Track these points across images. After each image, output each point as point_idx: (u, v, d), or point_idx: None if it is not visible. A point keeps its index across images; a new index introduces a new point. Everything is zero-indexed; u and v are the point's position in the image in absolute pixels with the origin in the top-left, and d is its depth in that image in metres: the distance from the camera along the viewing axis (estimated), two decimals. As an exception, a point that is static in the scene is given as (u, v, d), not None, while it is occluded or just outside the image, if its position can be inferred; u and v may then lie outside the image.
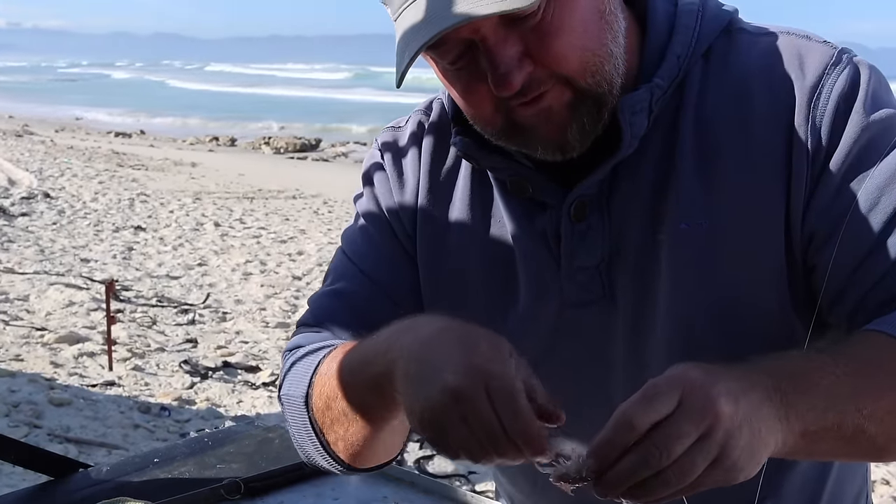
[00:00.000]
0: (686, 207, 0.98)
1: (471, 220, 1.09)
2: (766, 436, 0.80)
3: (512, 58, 0.90)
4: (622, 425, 0.77)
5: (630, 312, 1.02)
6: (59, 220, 9.67)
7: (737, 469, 0.78)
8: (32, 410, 4.25)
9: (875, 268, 0.94)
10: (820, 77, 0.96)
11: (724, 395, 0.77)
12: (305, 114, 30.95)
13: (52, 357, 5.11)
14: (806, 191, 0.96)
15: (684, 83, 1.00)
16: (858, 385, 0.86)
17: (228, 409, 4.63)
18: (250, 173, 14.82)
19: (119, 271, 7.44)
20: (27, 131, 21.16)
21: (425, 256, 1.11)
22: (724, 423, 0.76)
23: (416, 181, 1.12)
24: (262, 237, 9.24)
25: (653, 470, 0.76)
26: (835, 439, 0.86)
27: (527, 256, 1.05)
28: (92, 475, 1.69)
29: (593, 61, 0.93)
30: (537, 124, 0.94)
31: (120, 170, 14.49)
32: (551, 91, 0.93)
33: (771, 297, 0.99)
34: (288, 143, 20.85)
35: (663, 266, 0.99)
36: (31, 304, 6.25)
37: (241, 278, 7.46)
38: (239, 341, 5.76)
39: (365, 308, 1.11)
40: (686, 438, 0.75)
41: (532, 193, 1.03)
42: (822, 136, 0.95)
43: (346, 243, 1.18)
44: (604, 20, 0.94)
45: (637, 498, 0.78)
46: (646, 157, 1.00)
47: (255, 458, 1.72)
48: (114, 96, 41.28)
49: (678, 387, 0.77)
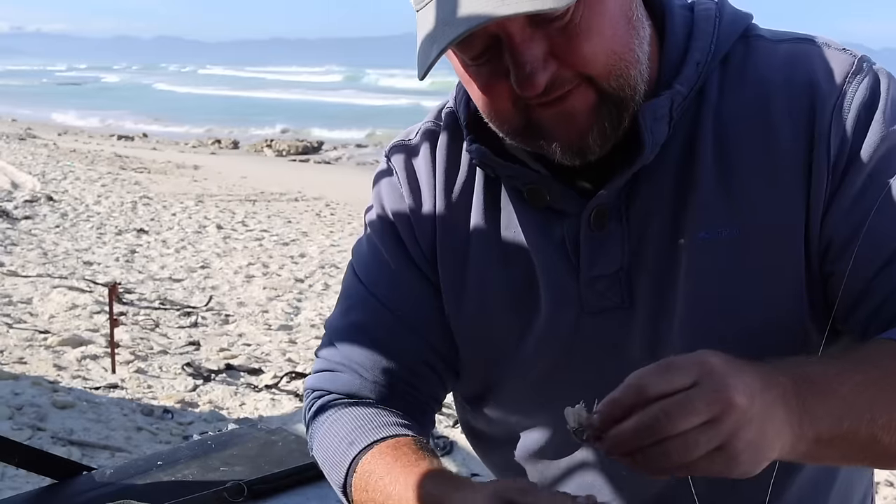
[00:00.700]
0: (706, 216, 0.98)
1: (489, 231, 1.08)
2: (773, 438, 0.79)
3: (537, 57, 0.89)
4: (632, 388, 0.77)
5: (649, 320, 1.01)
6: (62, 223, 9.67)
7: (738, 463, 0.77)
8: (36, 413, 4.25)
9: (892, 278, 0.94)
10: (841, 86, 0.96)
11: (740, 387, 0.77)
12: (307, 116, 30.96)
13: (56, 360, 5.12)
14: (825, 199, 0.96)
15: (703, 90, 0.99)
16: (876, 395, 0.86)
17: (231, 411, 4.62)
18: (252, 176, 14.82)
19: (122, 274, 7.44)
20: (30, 134, 21.19)
21: (448, 271, 1.10)
22: (736, 414, 0.76)
23: (432, 193, 1.11)
24: (264, 240, 9.24)
25: (656, 437, 0.75)
26: (848, 447, 0.86)
27: (546, 265, 1.04)
28: (95, 478, 1.69)
29: (619, 65, 0.92)
30: (557, 125, 0.93)
31: (122, 173, 14.50)
32: (574, 92, 0.92)
33: (789, 304, 0.98)
34: (290, 145, 20.87)
35: (682, 274, 0.99)
36: (34, 306, 6.25)
37: (243, 281, 7.46)
38: (241, 344, 5.76)
39: (385, 339, 1.11)
40: (695, 416, 0.75)
41: (550, 202, 1.02)
42: (843, 145, 0.95)
43: (359, 265, 1.16)
44: (631, 25, 0.93)
45: (635, 464, 0.78)
46: (665, 164, 0.99)
47: (259, 460, 1.73)
48: (113, 100, 41.33)
49: (697, 367, 0.77)
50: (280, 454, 1.74)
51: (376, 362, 1.11)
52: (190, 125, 28.56)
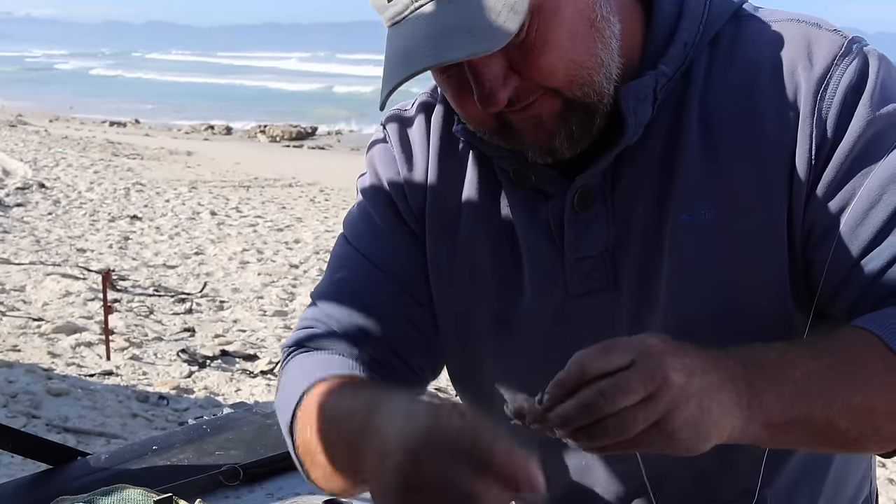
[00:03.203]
0: (689, 198, 0.97)
1: (480, 207, 1.07)
2: (719, 417, 0.81)
3: (496, 76, 0.89)
4: (573, 368, 0.79)
5: (633, 301, 1.01)
6: (55, 210, 9.64)
7: (678, 439, 0.79)
8: (30, 400, 4.25)
9: (872, 265, 0.93)
10: (828, 68, 0.94)
11: (677, 367, 0.79)
12: (299, 101, 30.86)
13: (50, 347, 5.11)
14: (809, 184, 0.95)
15: (690, 70, 0.98)
16: (832, 381, 0.87)
17: (227, 397, 4.63)
18: (246, 162, 14.78)
19: (115, 261, 7.43)
20: (21, 121, 21.08)
21: (435, 238, 1.09)
22: (672, 391, 0.78)
23: (425, 162, 1.10)
24: (258, 226, 9.23)
25: (593, 416, 0.78)
26: (802, 432, 0.87)
27: (531, 246, 1.04)
28: (91, 463, 1.69)
29: (581, 73, 0.91)
30: (527, 129, 0.94)
31: (115, 159, 14.45)
32: (539, 101, 0.92)
33: (771, 289, 0.98)
34: (284, 131, 20.79)
35: (666, 256, 0.99)
36: (27, 294, 6.24)
37: (237, 267, 7.45)
38: (236, 330, 5.76)
39: (368, 296, 1.09)
40: (631, 394, 0.77)
41: (535, 183, 1.02)
42: (828, 128, 0.94)
43: (348, 227, 1.16)
44: (594, 28, 0.92)
45: (579, 441, 0.81)
46: (650, 145, 0.98)
47: (254, 444, 1.73)
48: (104, 87, 41.11)
49: (636, 348, 0.80)
50: (275, 437, 1.74)
51: (353, 316, 1.08)
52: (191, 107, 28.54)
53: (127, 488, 1.46)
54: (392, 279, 1.09)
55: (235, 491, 1.57)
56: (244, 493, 1.57)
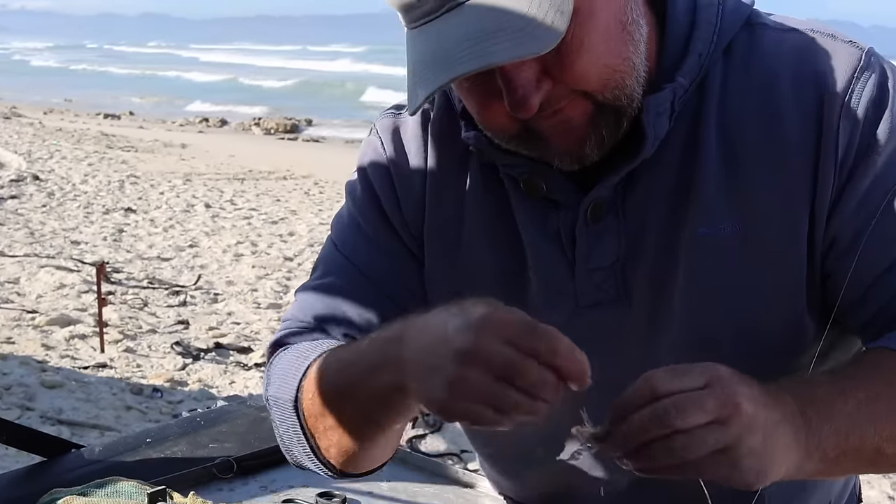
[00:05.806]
0: (708, 211, 0.96)
1: (483, 217, 1.05)
2: (779, 454, 0.81)
3: (529, 80, 0.87)
4: (643, 388, 0.79)
5: (645, 313, 1.00)
6: (49, 202, 9.62)
7: (741, 468, 0.79)
8: (24, 393, 4.25)
9: (889, 287, 0.94)
10: (849, 82, 0.94)
11: (749, 395, 0.79)
12: (294, 95, 30.76)
13: (44, 339, 5.11)
14: (831, 197, 0.94)
15: (705, 81, 0.97)
16: (878, 409, 0.88)
17: (221, 389, 4.63)
18: (241, 154, 14.75)
19: (110, 253, 7.41)
20: (15, 113, 21.00)
21: (434, 248, 1.07)
22: (743, 418, 0.78)
23: (422, 170, 1.07)
24: (253, 218, 9.21)
25: (664, 429, 0.77)
26: (854, 461, 0.89)
27: (540, 256, 1.02)
28: (85, 455, 1.69)
29: (614, 77, 0.90)
30: (555, 134, 0.92)
31: (109, 152, 14.40)
32: (570, 105, 0.90)
33: (789, 302, 0.97)
34: (278, 123, 20.75)
35: (681, 269, 0.98)
36: (21, 286, 6.23)
37: (232, 259, 7.45)
38: (231, 322, 5.76)
39: (352, 296, 1.07)
40: (704, 414, 0.77)
41: (546, 192, 1.00)
42: (851, 143, 0.94)
43: (336, 232, 1.13)
44: (626, 31, 0.90)
45: (640, 461, 0.79)
46: (665, 157, 0.97)
47: (248, 437, 1.73)
48: (103, 79, 40.92)
49: (708, 372, 0.79)
50: (269, 430, 1.72)
51: (342, 325, 1.07)
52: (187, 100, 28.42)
53: (121, 480, 1.46)
54: (380, 289, 1.07)
55: (229, 483, 1.57)
56: (238, 486, 1.57)
